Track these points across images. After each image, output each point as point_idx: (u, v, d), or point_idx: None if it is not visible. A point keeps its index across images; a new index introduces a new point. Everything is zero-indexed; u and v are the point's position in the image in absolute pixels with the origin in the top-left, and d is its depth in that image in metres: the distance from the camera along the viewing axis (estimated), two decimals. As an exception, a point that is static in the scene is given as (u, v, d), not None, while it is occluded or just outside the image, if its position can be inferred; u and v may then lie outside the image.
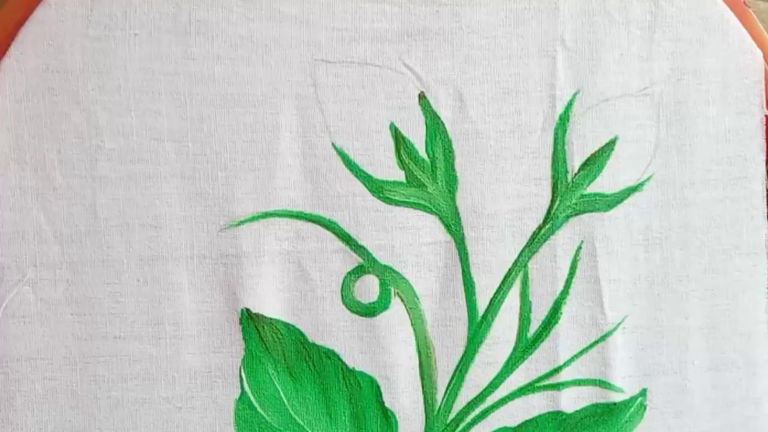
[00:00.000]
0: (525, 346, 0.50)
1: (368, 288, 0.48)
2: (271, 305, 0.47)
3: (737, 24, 0.50)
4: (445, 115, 0.48)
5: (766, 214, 0.51)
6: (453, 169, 0.48)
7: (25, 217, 0.45)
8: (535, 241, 0.49)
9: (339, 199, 0.47)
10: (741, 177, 0.50)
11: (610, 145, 0.49)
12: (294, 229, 0.47)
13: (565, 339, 0.50)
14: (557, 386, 0.50)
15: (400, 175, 0.48)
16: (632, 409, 0.51)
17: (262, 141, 0.46)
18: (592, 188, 0.49)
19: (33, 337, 0.45)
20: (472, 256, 0.49)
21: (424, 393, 0.49)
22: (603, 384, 0.50)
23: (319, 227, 0.47)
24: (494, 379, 0.49)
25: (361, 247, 0.48)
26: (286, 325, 0.47)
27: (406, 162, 0.48)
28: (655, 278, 0.50)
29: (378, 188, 0.47)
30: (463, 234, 0.48)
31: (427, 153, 0.48)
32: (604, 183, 0.50)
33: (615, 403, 0.51)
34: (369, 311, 0.48)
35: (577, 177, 0.49)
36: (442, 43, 0.47)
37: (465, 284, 0.49)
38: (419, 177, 0.48)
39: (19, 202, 0.45)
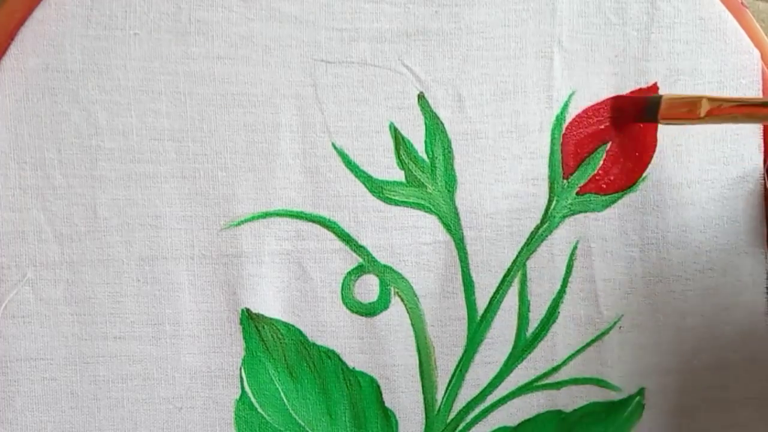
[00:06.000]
0: (524, 346, 0.50)
1: (368, 288, 0.48)
2: (271, 305, 0.47)
3: (735, 24, 0.50)
4: (444, 115, 0.48)
5: (764, 214, 0.51)
6: (452, 169, 0.48)
7: (25, 217, 0.45)
8: (533, 240, 0.49)
9: (339, 199, 0.47)
10: (739, 177, 0.50)
11: (603, 146, 0.50)
12: (294, 229, 0.47)
13: (563, 338, 0.50)
14: (556, 385, 0.50)
15: (400, 175, 0.48)
16: (630, 408, 0.51)
17: (262, 141, 0.46)
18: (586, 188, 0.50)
19: (33, 337, 0.45)
20: (472, 256, 0.49)
21: (424, 393, 0.49)
22: (601, 383, 0.51)
23: (319, 227, 0.47)
24: (494, 378, 0.50)
25: (361, 247, 0.48)
26: (286, 325, 0.47)
27: (406, 162, 0.48)
28: (652, 278, 0.51)
29: (378, 188, 0.48)
30: (462, 234, 0.49)
31: (427, 153, 0.48)
32: (600, 183, 0.50)
33: (613, 402, 0.51)
34: (369, 311, 0.48)
35: (572, 177, 0.49)
36: (442, 43, 0.48)
37: (465, 284, 0.49)
38: (419, 177, 0.48)
39: (19, 202, 0.45)
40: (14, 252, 0.45)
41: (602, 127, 0.50)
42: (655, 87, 0.50)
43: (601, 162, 0.50)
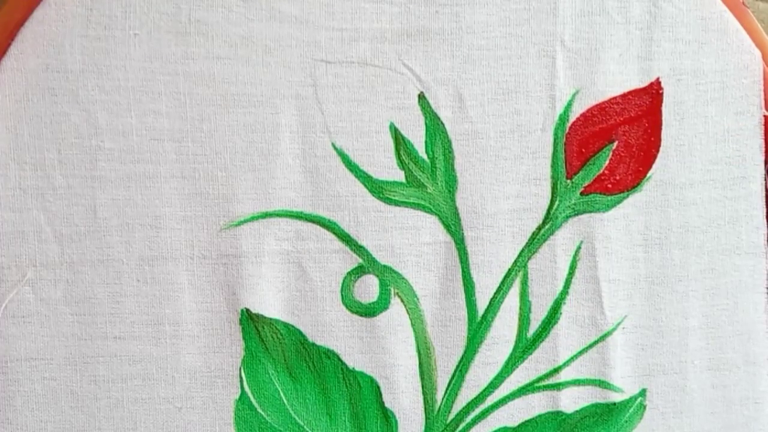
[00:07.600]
0: (525, 346, 0.50)
1: (368, 288, 0.48)
2: (271, 305, 0.47)
3: (736, 24, 0.50)
4: (444, 115, 0.48)
5: (765, 214, 0.51)
6: (453, 170, 0.48)
7: (25, 217, 0.45)
8: (535, 241, 0.49)
9: (339, 199, 0.47)
10: (740, 177, 0.50)
11: (610, 146, 0.49)
12: (294, 229, 0.47)
13: (564, 339, 0.50)
14: (557, 386, 0.50)
15: (400, 176, 0.48)
16: (632, 409, 0.51)
17: (262, 141, 0.46)
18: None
19: (33, 337, 0.45)
20: (472, 256, 0.49)
21: (424, 393, 0.49)
22: (603, 384, 0.50)
23: (319, 227, 0.47)
24: (494, 379, 0.49)
25: (361, 247, 0.48)
26: (286, 325, 0.47)
27: (406, 162, 0.48)
28: (654, 278, 0.50)
29: (378, 188, 0.48)
30: (462, 234, 0.48)
31: (427, 153, 0.48)
32: (604, 183, 0.50)
33: (615, 403, 0.51)
34: (369, 311, 0.48)
35: (576, 177, 0.49)
36: (442, 43, 0.47)
37: (465, 284, 0.49)
38: (419, 177, 0.48)
39: (19, 202, 0.45)
40: (14, 252, 0.45)
41: (607, 125, 0.49)
42: (657, 82, 0.49)
43: (608, 161, 0.50)
